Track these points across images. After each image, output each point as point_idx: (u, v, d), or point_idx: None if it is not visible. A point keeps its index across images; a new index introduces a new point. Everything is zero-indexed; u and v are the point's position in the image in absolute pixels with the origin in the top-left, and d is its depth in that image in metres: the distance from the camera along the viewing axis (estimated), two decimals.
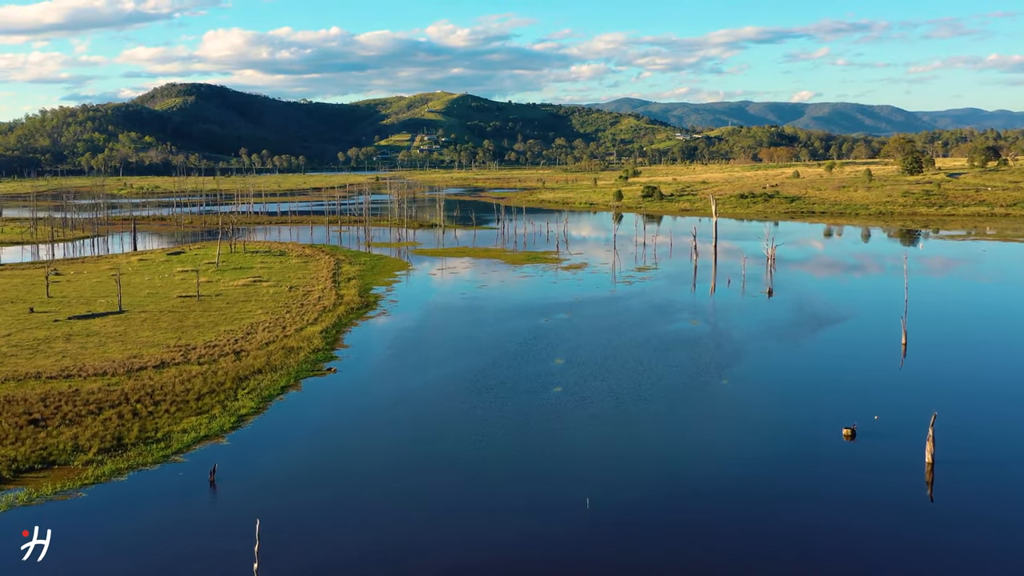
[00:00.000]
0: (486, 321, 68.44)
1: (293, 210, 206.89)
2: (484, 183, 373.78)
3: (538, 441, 40.83)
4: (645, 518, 32.77)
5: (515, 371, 52.64)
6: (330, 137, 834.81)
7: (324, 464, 38.23)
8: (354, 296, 79.05)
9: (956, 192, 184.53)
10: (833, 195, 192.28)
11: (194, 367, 53.10)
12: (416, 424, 43.62)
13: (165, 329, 64.84)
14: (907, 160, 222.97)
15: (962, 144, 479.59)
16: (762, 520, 32.27)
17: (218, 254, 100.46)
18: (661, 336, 62.01)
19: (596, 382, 50.09)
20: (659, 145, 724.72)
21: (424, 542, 30.73)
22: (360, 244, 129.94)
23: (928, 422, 37.45)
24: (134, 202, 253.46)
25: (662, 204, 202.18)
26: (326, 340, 61.09)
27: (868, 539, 30.62)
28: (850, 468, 37.06)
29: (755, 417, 44.32)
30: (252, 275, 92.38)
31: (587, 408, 45.40)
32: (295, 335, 62.28)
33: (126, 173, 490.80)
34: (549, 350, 58.05)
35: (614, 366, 53.57)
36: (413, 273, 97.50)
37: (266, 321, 67.58)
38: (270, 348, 58.07)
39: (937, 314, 70.80)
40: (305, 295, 79.98)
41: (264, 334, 62.51)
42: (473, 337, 62.73)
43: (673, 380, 50.68)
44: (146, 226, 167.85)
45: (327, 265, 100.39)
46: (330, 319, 68.44)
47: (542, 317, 69.58)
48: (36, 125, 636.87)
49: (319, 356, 56.49)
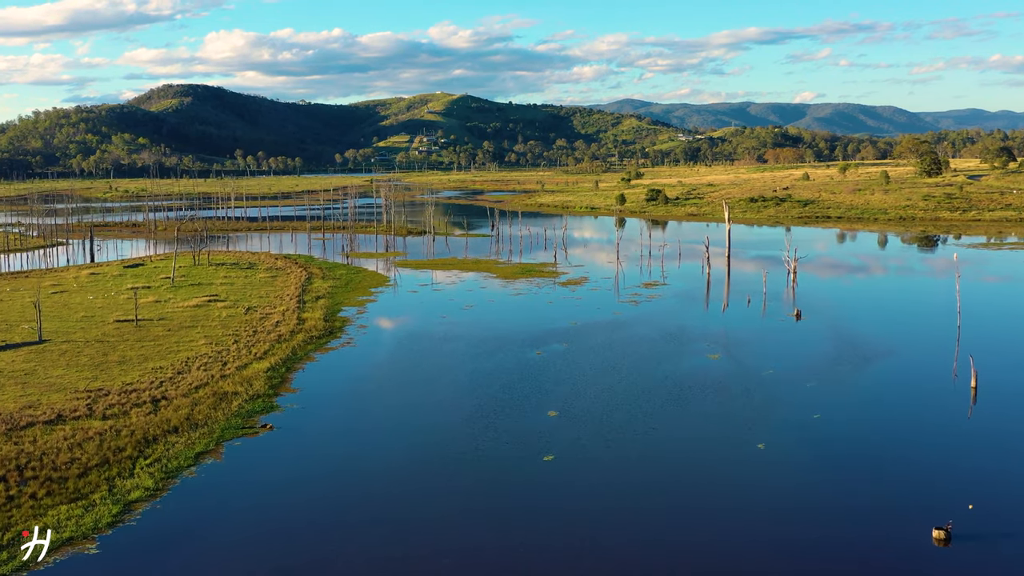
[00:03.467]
0: (468, 354, 57.73)
1: (277, 215, 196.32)
2: (482, 185, 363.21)
3: (515, 562, 30.15)
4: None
5: (496, 430, 41.93)
6: (328, 139, 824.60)
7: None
8: (318, 320, 68.37)
9: (980, 195, 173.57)
10: (849, 198, 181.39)
11: (96, 423, 42.47)
12: (358, 521, 32.97)
13: (83, 366, 54.20)
14: (925, 161, 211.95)
15: (970, 145, 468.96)
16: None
17: (174, 268, 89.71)
18: (676, 377, 51.30)
19: (598, 449, 39.36)
20: (661, 146, 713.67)
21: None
22: (342, 254, 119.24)
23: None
24: (113, 206, 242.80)
25: (667, 208, 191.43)
26: (271, 382, 50.43)
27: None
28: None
29: (807, 506, 33.61)
30: (209, 293, 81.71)
31: (587, 499, 34.62)
32: (235, 375, 51.61)
33: (118, 175, 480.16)
34: (540, 397, 47.37)
35: (621, 424, 42.84)
36: (392, 290, 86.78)
37: (207, 355, 56.91)
38: (199, 394, 47.41)
39: (997, 342, 60.03)
40: (262, 319, 69.30)
41: (198, 373, 51.84)
42: (449, 377, 52.05)
43: (695, 446, 40.02)
44: (116, 234, 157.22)
45: (296, 280, 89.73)
46: (283, 351, 57.76)
47: (534, 348, 58.88)
48: (29, 127, 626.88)
49: (256, 406, 45.80)
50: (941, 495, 33.66)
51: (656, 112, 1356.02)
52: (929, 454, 39.00)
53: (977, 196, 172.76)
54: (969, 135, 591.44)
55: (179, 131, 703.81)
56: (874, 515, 32.10)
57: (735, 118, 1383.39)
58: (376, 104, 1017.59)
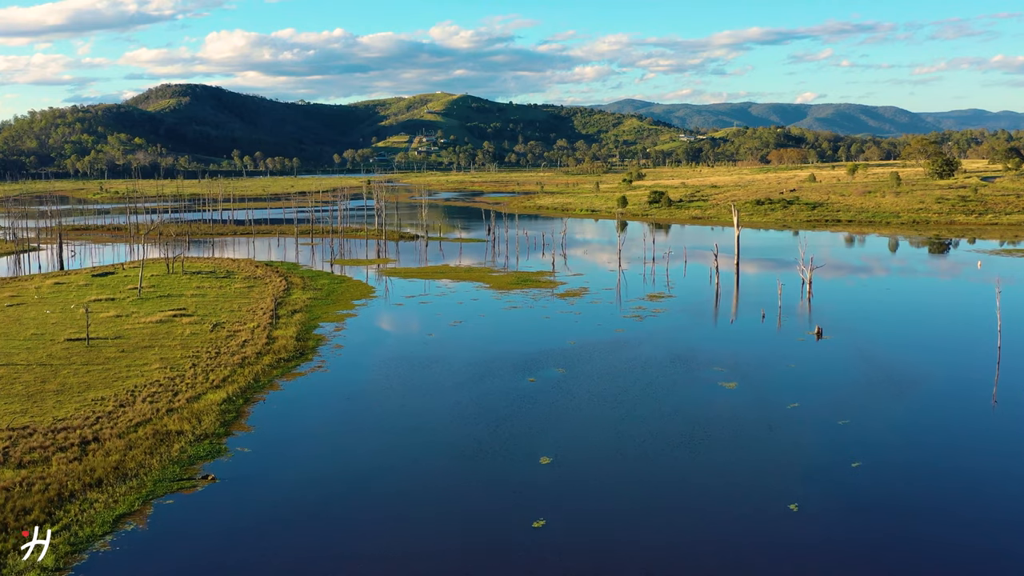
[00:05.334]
0: (451, 383, 51.29)
1: (266, 218, 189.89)
2: (481, 186, 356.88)
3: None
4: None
5: (478, 484, 35.53)
6: (327, 139, 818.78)
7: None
8: (290, 339, 61.94)
9: (995, 198, 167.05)
10: (859, 201, 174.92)
11: (8, 472, 36.13)
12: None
13: (16, 396, 47.79)
14: (936, 163, 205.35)
15: (975, 146, 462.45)
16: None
17: (141, 278, 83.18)
18: (687, 413, 44.87)
19: (598, 514, 32.92)
20: (663, 147, 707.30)
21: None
22: (328, 260, 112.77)
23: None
24: (100, 208, 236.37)
25: (671, 211, 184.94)
26: (224, 417, 44.04)
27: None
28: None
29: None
30: (176, 307, 75.30)
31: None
32: (184, 408, 45.22)
33: (113, 176, 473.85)
34: (531, 439, 40.94)
35: (624, 477, 36.42)
36: (375, 302, 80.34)
37: (158, 382, 50.51)
38: (137, 434, 41.01)
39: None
40: (229, 337, 62.87)
41: (142, 407, 45.43)
42: (428, 414, 45.62)
43: (713, 506, 33.61)
44: (96, 237, 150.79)
45: (274, 291, 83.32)
46: (244, 378, 51.36)
47: (527, 374, 52.46)
48: (24, 127, 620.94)
49: (201, 449, 39.39)
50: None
51: (657, 112, 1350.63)
52: (998, 516, 32.60)
53: (993, 199, 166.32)
54: (973, 135, 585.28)
55: (176, 131, 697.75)
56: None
57: (736, 118, 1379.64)
58: (376, 104, 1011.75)
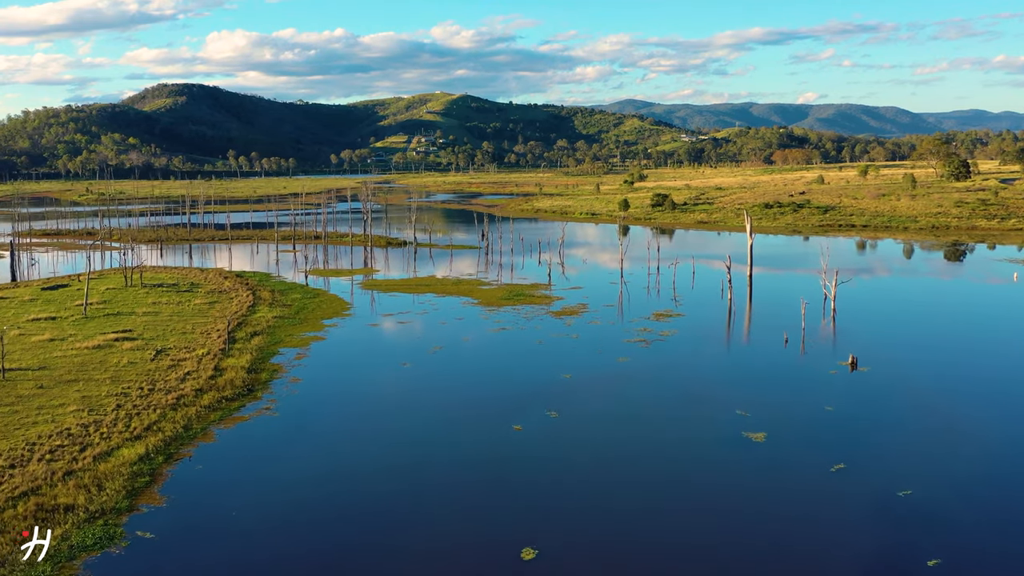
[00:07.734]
0: (419, 435, 42.61)
1: (248, 222, 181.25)
2: (479, 188, 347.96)
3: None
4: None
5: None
6: (326, 139, 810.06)
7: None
8: (240, 371, 53.35)
9: (1018, 201, 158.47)
10: (873, 204, 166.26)
11: None
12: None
13: None
14: (952, 164, 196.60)
15: (981, 146, 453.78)
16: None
17: (87, 294, 74.43)
18: (705, 478, 36.30)
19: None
20: (664, 147, 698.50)
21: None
22: (303, 271, 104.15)
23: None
24: (83, 210, 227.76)
25: (675, 215, 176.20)
26: (134, 483, 35.48)
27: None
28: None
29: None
30: (122, 327, 66.66)
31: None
32: (87, 471, 36.65)
33: (105, 176, 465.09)
34: (514, 518, 32.37)
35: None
36: (349, 322, 71.67)
37: (69, 430, 41.90)
38: (14, 512, 32.44)
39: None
40: (170, 368, 54.30)
41: (36, 467, 36.88)
42: (389, 475, 37.00)
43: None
44: (70, 244, 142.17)
45: (237, 308, 74.73)
46: (174, 425, 42.78)
47: (512, 420, 43.85)
48: (17, 126, 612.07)
49: (88, 536, 30.75)
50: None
51: (658, 112, 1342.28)
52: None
53: (1015, 201, 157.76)
54: (978, 136, 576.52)
55: (172, 131, 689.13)
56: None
57: (737, 118, 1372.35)
58: (375, 104, 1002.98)
